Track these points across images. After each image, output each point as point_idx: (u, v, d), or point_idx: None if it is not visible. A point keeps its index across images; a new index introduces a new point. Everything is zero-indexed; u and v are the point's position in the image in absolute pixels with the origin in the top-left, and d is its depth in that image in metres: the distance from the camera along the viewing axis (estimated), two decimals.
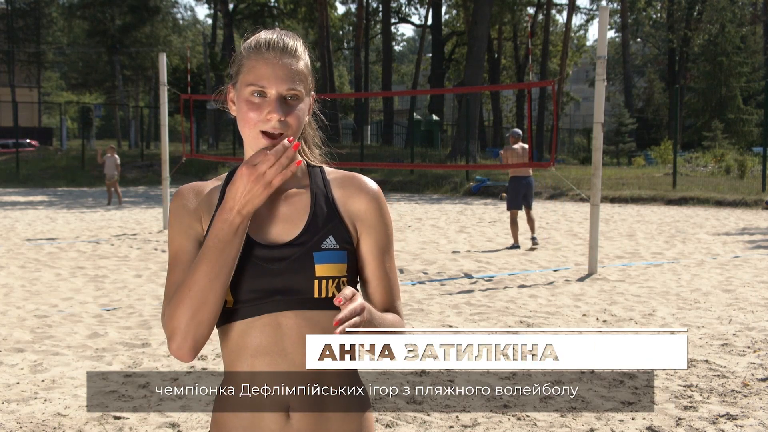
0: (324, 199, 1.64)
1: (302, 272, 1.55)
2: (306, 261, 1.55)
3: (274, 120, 1.54)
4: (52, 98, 64.36)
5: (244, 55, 1.61)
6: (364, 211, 1.65)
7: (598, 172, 9.42)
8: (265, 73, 1.55)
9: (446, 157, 30.08)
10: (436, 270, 9.56)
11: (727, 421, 4.26)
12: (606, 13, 9.43)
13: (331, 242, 1.59)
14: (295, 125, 1.57)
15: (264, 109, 1.55)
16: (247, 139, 1.59)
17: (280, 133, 1.55)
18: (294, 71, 1.57)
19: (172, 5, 61.92)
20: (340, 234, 1.61)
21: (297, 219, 1.61)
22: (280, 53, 1.57)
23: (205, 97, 23.42)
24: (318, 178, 1.68)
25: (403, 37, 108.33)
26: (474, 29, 28.96)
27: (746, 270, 9.47)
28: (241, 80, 1.59)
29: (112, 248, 11.53)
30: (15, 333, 6.23)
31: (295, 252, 1.56)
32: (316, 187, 1.66)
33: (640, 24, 56.03)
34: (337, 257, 1.58)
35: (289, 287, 1.55)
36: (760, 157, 23.83)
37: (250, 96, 1.56)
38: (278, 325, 1.55)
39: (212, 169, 30.42)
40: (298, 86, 1.57)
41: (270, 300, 1.55)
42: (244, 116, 1.57)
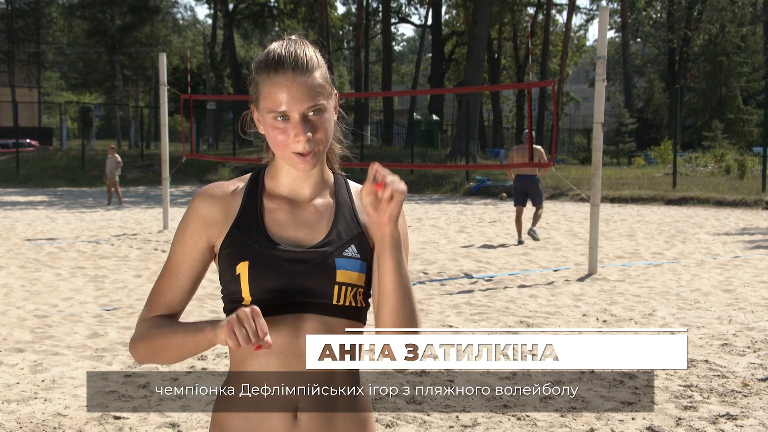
0: (348, 210, 1.66)
1: (323, 275, 1.56)
2: (328, 265, 1.57)
3: (302, 142, 1.56)
4: (52, 98, 64.36)
5: (258, 80, 1.60)
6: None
7: (598, 172, 9.42)
8: (282, 99, 1.56)
9: (446, 157, 30.07)
10: (436, 270, 9.56)
11: (727, 421, 4.26)
12: (606, 13, 9.43)
13: (353, 251, 1.61)
14: (324, 138, 1.60)
15: (290, 132, 1.57)
16: (282, 160, 1.63)
17: (310, 151, 1.57)
18: (311, 87, 1.57)
19: (172, 5, 61.90)
20: (362, 245, 1.63)
21: (321, 225, 1.63)
22: (293, 73, 1.56)
23: (206, 97, 23.44)
24: (343, 187, 1.71)
25: (403, 37, 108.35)
26: (474, 29, 28.95)
27: (746, 270, 9.47)
28: (261, 107, 1.60)
29: (112, 248, 11.53)
30: (15, 333, 6.23)
31: (317, 255, 1.58)
32: (341, 197, 1.68)
33: (640, 24, 56.02)
34: (357, 266, 1.60)
35: (309, 289, 1.56)
36: (760, 157, 23.83)
37: (273, 121, 1.57)
38: (295, 327, 1.55)
39: (212, 169, 30.42)
40: (318, 100, 1.57)
41: (289, 301, 1.56)
42: (273, 141, 1.60)
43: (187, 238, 1.63)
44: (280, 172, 1.66)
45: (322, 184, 1.68)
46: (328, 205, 1.66)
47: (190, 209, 1.65)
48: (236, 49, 46.34)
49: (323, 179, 1.69)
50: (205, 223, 1.63)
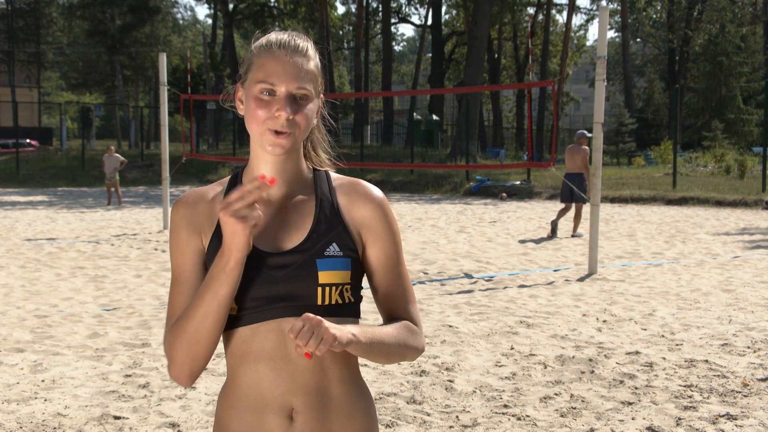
0: (329, 206, 1.63)
1: (305, 279, 1.55)
2: (309, 268, 1.55)
3: (282, 118, 1.54)
4: (52, 98, 64.41)
5: (254, 54, 1.60)
6: (369, 218, 1.64)
7: (598, 172, 9.42)
8: (275, 71, 1.55)
9: (446, 157, 30.08)
10: (436, 270, 9.56)
11: (727, 421, 4.26)
12: (606, 13, 9.43)
13: (335, 249, 1.58)
14: (304, 125, 1.57)
15: (273, 107, 1.54)
16: (254, 136, 1.59)
17: (287, 132, 1.54)
18: (304, 70, 1.57)
19: (172, 5, 61.99)
20: (344, 241, 1.60)
21: (301, 225, 1.61)
22: (291, 52, 1.57)
23: (205, 97, 23.45)
24: (324, 184, 1.67)
25: (403, 37, 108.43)
26: (474, 29, 28.96)
27: (746, 270, 9.47)
28: (250, 78, 1.58)
29: (112, 248, 11.53)
30: (15, 333, 6.23)
31: (298, 259, 1.56)
32: (322, 193, 1.65)
33: (640, 24, 56.03)
34: (340, 264, 1.57)
35: (292, 294, 1.54)
36: (760, 157, 23.84)
37: (259, 93, 1.55)
38: (281, 331, 1.54)
39: (212, 169, 30.43)
40: (307, 86, 1.57)
41: (274, 306, 1.55)
42: (252, 113, 1.56)
43: (182, 245, 1.62)
44: (255, 167, 1.63)
45: (299, 180, 1.65)
46: (307, 202, 1.63)
47: (173, 219, 1.64)
48: (236, 49, 46.35)
49: (300, 175, 1.66)
50: (193, 227, 1.62)
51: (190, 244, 1.62)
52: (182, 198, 1.65)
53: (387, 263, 1.65)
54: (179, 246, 1.62)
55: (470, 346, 5.85)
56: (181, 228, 1.63)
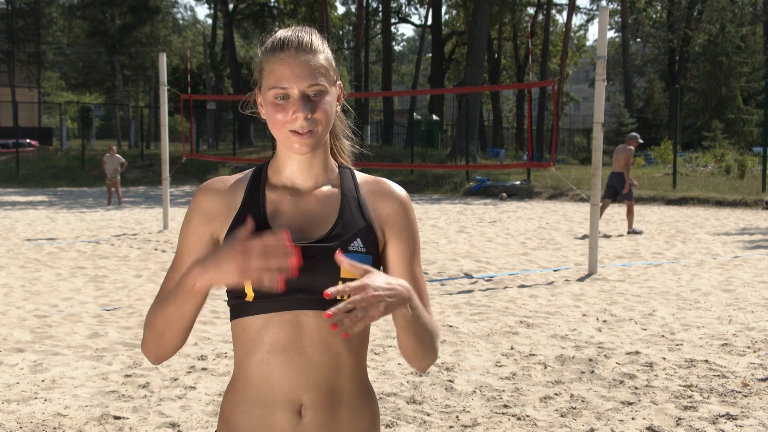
0: (354, 202, 1.64)
1: (327, 272, 1.54)
2: (332, 261, 1.53)
3: (300, 119, 1.55)
4: (52, 98, 64.40)
5: (262, 59, 1.61)
6: (392, 215, 1.65)
7: (598, 172, 9.42)
8: (284, 74, 1.56)
9: (446, 157, 30.08)
10: (436, 270, 9.56)
11: (727, 421, 4.26)
12: (606, 13, 9.43)
13: (359, 245, 1.58)
14: (324, 120, 1.58)
15: (289, 110, 1.56)
16: (279, 140, 1.60)
17: (308, 130, 1.56)
18: (313, 66, 1.57)
19: (172, 5, 61.98)
20: (368, 238, 1.61)
21: (326, 219, 1.61)
22: (296, 51, 1.57)
23: (206, 97, 23.45)
24: (349, 179, 1.68)
25: (403, 37, 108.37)
26: (474, 29, 28.96)
27: (746, 270, 9.47)
28: (264, 84, 1.60)
29: (112, 248, 11.53)
30: (15, 333, 6.23)
31: (321, 251, 1.55)
32: (347, 188, 1.66)
33: (640, 24, 56.02)
34: (362, 260, 1.56)
35: (312, 286, 1.53)
36: (760, 157, 23.84)
37: (274, 99, 1.57)
38: (298, 323, 1.54)
39: (212, 169, 30.43)
40: (320, 80, 1.57)
41: (291, 298, 1.54)
42: (272, 119, 1.58)
43: (190, 233, 1.63)
44: (283, 163, 1.65)
45: (325, 175, 1.66)
46: (333, 197, 1.64)
47: (192, 204, 1.65)
48: (236, 49, 46.34)
49: (326, 170, 1.67)
50: (207, 216, 1.62)
51: (197, 232, 1.62)
52: (205, 185, 1.66)
53: (405, 262, 1.65)
54: (187, 232, 1.63)
55: (470, 346, 5.85)
56: (194, 216, 1.63)
